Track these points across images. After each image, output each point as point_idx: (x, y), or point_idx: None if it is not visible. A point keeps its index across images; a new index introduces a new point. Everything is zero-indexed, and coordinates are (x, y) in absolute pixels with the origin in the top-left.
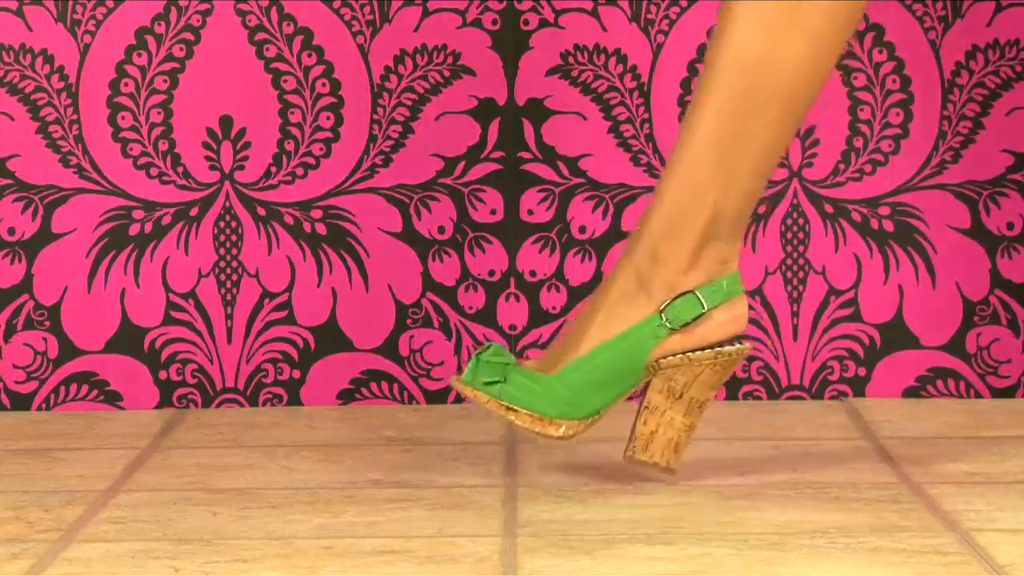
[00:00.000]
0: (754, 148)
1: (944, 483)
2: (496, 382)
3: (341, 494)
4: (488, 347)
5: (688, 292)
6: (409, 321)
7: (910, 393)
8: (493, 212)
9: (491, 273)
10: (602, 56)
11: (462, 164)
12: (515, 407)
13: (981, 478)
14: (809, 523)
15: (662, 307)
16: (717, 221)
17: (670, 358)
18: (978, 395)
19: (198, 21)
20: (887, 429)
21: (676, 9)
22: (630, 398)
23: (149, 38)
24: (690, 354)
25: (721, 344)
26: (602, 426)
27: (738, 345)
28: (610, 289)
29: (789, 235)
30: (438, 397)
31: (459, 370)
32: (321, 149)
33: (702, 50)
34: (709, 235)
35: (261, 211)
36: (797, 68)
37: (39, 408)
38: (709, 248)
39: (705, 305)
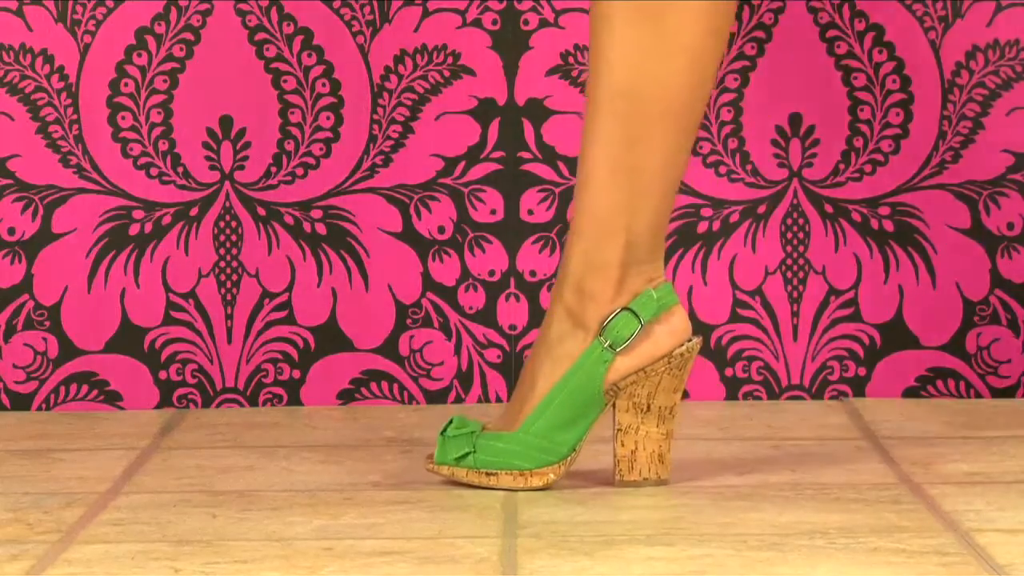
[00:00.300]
0: (653, 168)
1: (944, 483)
2: (467, 454)
3: (341, 495)
4: (449, 423)
5: (621, 310)
6: (409, 321)
7: (910, 393)
8: (493, 212)
9: (491, 273)
10: None
11: (462, 164)
12: (493, 471)
13: (981, 478)
14: (809, 523)
15: (601, 331)
16: (633, 247)
17: (625, 378)
18: (978, 395)
19: (198, 21)
20: (887, 429)
21: None
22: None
23: (149, 38)
24: (644, 369)
25: (670, 353)
26: (601, 427)
27: (687, 343)
28: (547, 335)
29: (789, 235)
30: (438, 397)
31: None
32: (321, 149)
33: None
34: (629, 262)
35: (261, 211)
36: (680, 81)
37: (39, 408)
38: (632, 274)
39: (641, 318)
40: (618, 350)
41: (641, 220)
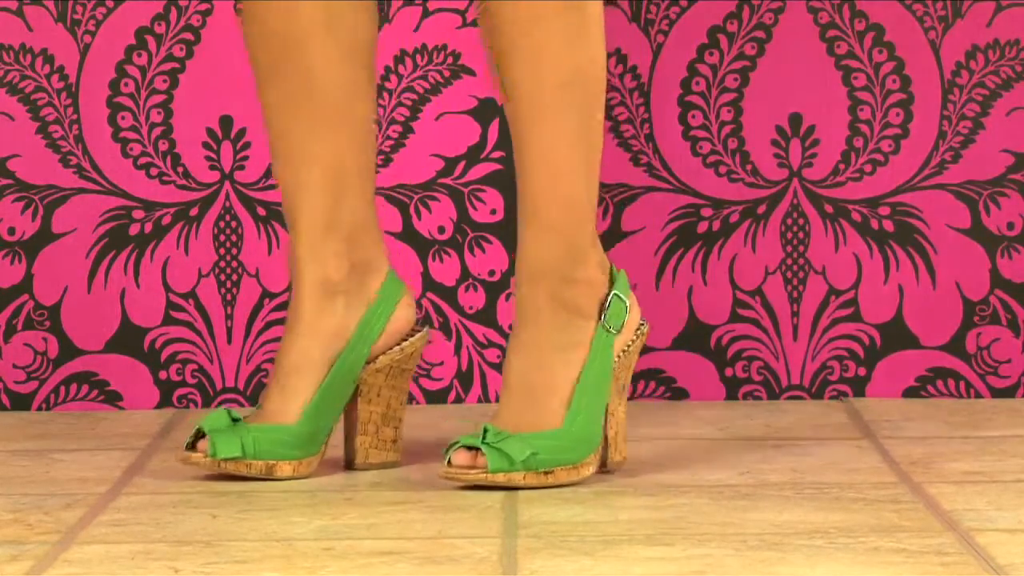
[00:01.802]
0: (598, 143)
1: (944, 483)
2: (532, 455)
3: (341, 496)
4: (484, 431)
5: (611, 296)
6: None
7: (910, 393)
8: (493, 212)
9: (491, 273)
10: None
11: (462, 164)
12: (550, 470)
13: (981, 477)
14: (809, 523)
15: (602, 319)
16: (594, 222)
17: (618, 357)
18: (978, 395)
19: (198, 21)
20: (887, 429)
21: (676, 9)
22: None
23: (149, 38)
24: (628, 349)
25: (641, 325)
26: None
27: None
28: (548, 333)
29: (789, 235)
30: (438, 397)
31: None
32: None
33: (702, 50)
34: (593, 237)
35: (261, 211)
36: (603, 55)
37: (39, 408)
38: (598, 246)
39: (625, 301)
40: (616, 333)
41: (595, 193)
